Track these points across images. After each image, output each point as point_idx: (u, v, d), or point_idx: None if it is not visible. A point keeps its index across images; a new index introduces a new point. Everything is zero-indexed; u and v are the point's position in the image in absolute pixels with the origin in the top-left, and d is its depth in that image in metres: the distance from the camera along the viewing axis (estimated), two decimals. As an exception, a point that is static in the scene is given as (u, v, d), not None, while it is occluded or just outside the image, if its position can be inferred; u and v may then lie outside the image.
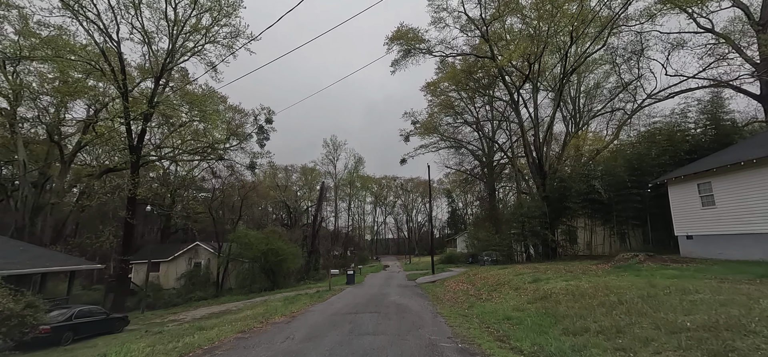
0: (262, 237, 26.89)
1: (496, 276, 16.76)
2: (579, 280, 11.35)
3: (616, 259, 15.36)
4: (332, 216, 76.17)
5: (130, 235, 23.60)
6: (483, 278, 17.49)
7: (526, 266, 18.88)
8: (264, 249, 25.73)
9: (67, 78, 24.33)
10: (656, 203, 21.66)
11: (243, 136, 41.73)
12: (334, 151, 73.87)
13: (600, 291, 8.96)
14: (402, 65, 26.88)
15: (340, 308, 12.28)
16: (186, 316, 18.74)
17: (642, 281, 9.67)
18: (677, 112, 23.88)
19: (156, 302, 25.77)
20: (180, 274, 31.20)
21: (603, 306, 7.72)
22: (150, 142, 34.61)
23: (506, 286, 13.43)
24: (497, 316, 8.73)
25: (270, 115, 42.19)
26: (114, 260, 27.76)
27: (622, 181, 22.29)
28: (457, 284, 18.68)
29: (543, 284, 11.57)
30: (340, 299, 15.89)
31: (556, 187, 25.41)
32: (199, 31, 25.27)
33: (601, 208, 23.91)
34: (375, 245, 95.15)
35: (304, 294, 20.85)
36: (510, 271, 17.59)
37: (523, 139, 29.61)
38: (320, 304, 14.02)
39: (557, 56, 30.17)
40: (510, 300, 10.66)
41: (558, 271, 15.01)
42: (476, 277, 18.75)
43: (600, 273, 13.18)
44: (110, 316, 14.55)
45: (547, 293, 9.97)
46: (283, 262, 26.61)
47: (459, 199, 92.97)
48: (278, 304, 16.66)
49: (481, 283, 16.15)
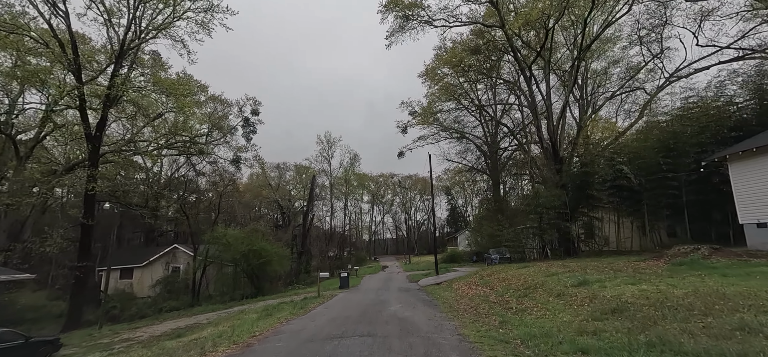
0: (242, 236, 23.65)
1: (519, 277, 13.72)
2: (647, 282, 8.34)
3: (671, 254, 12.35)
4: (328, 216, 73.15)
5: (87, 239, 20.34)
6: (502, 280, 14.44)
7: (550, 264, 15.85)
8: (244, 250, 22.51)
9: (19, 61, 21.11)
10: (697, 188, 18.75)
11: (227, 130, 38.50)
12: (329, 148, 70.60)
13: (705, 300, 5.93)
14: (399, 39, 23.82)
15: (322, 326, 9.19)
16: (145, 332, 15.57)
17: (756, 284, 6.66)
18: (714, 84, 21.00)
19: (121, 314, 22.51)
20: (155, 281, 27.90)
21: (745, 330, 4.69)
22: (124, 137, 31.39)
23: (540, 291, 10.39)
24: (556, 343, 5.67)
25: (256, 106, 38.96)
26: (69, 267, 24.47)
27: (655, 164, 19.34)
28: (470, 287, 15.62)
29: (597, 289, 8.54)
30: (327, 310, 12.79)
31: (577, 173, 22.44)
32: (166, 3, 22.03)
33: (629, 197, 20.96)
34: (373, 245, 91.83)
35: (290, 301, 17.74)
36: (534, 270, 14.55)
37: (535, 121, 26.65)
38: (298, 320, 10.91)
39: (571, 32, 27.32)
40: (560, 313, 7.60)
41: (599, 269, 12.00)
42: (492, 278, 15.70)
43: (661, 272, 10.17)
44: (32, 341, 11.32)
45: (615, 303, 6.93)
46: (267, 264, 23.40)
47: (459, 197, 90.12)
48: (252, 317, 13.54)
49: (502, 287, 13.09)
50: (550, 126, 25.25)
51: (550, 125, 25.27)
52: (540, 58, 25.10)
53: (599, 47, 28.17)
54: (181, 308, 22.44)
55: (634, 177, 19.47)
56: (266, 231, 28.57)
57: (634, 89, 26.72)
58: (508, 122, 32.11)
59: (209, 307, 21.00)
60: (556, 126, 25.27)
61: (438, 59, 34.14)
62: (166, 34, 23.52)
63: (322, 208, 74.46)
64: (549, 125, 25.33)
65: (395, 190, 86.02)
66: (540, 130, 25.40)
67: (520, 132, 27.65)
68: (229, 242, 22.96)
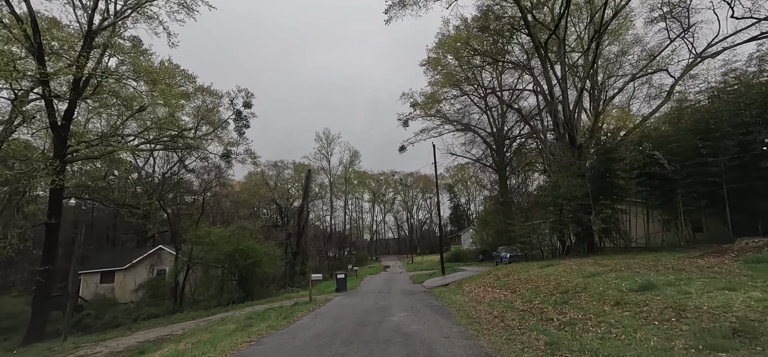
0: (227, 235, 21.37)
1: (546, 278, 11.45)
2: (751, 288, 6.07)
3: (738, 249, 10.08)
4: (328, 215, 70.83)
5: (52, 240, 18.16)
6: (525, 281, 12.17)
7: (580, 261, 13.58)
8: (229, 250, 20.23)
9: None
10: (739, 175, 16.50)
11: (218, 124, 36.24)
12: (328, 146, 68.42)
13: None
14: (398, 14, 21.59)
15: (300, 348, 6.97)
16: (107, 347, 13.33)
17: None
18: (755, 56, 18.70)
19: (95, 322, 20.30)
20: (138, 285, 25.68)
21: None
22: (104, 132, 29.15)
23: (584, 296, 8.12)
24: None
25: (249, 99, 36.48)
26: (30, 271, 22.30)
27: (690, 148, 17.08)
28: (485, 290, 13.37)
29: (674, 295, 6.27)
30: (315, 321, 10.55)
31: (599, 160, 20.12)
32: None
33: (660, 186, 18.67)
34: (374, 245, 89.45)
35: (278, 307, 15.53)
36: (562, 269, 12.27)
37: (549, 106, 24.36)
38: (274, 336, 8.67)
39: (586, 11, 25.09)
40: (635, 331, 5.30)
41: (649, 267, 9.72)
42: (511, 280, 13.43)
43: (742, 272, 7.89)
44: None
45: (729, 320, 4.67)
46: (256, 266, 21.09)
47: (461, 195, 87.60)
48: (228, 329, 11.33)
49: (528, 290, 10.82)
50: (565, 111, 22.99)
51: (565, 110, 23.02)
52: (555, 37, 22.91)
53: (616, 28, 25.94)
54: (160, 315, 20.21)
55: (668, 163, 17.19)
56: (256, 229, 26.25)
57: (656, 71, 24.38)
58: (518, 109, 29.58)
59: (190, 315, 18.77)
60: (573, 111, 23.00)
61: (441, 45, 31.91)
62: (142, 13, 21.32)
63: (322, 207, 72.29)
64: (565, 110, 23.07)
65: (396, 188, 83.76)
66: (556, 115, 23.11)
67: (534, 117, 25.31)
68: (213, 242, 20.68)
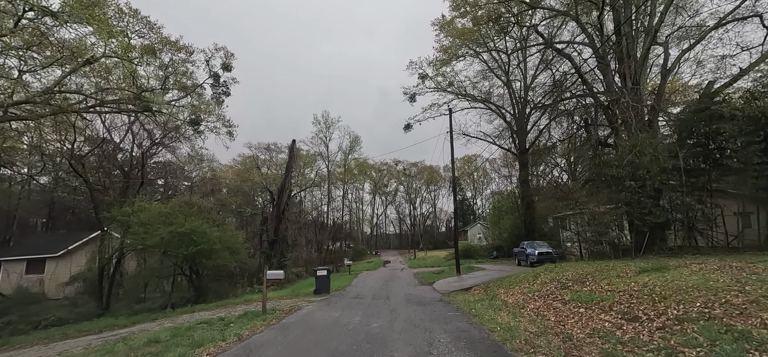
0: (165, 212, 15.65)
1: (668, 289, 5.85)
2: None
3: None
4: (325, 205, 65.38)
5: None
6: (625, 294, 6.55)
7: (702, 263, 8.00)
8: (165, 234, 14.53)
9: None
10: None
11: (191, 89, 30.63)
12: (327, 130, 62.72)
13: None
14: None
15: None
16: None
17: None
18: None
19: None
20: (71, 277, 20.33)
21: None
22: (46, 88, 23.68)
23: None
24: None
25: (228, 60, 30.76)
26: None
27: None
28: (549, 305, 7.83)
29: None
30: None
31: (697, 119, 14.03)
32: None
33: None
34: (374, 239, 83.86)
35: (220, 318, 10.09)
36: (691, 275, 6.68)
37: (600, 62, 18.58)
38: None
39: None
40: None
41: None
42: (591, 291, 7.85)
43: None
44: None
45: None
46: (205, 255, 15.46)
47: (467, 188, 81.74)
48: None
49: (646, 312, 5.23)
50: (629, 66, 17.23)
51: (629, 66, 17.25)
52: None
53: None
54: (72, 320, 14.79)
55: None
56: (213, 207, 20.59)
57: (748, 17, 18.50)
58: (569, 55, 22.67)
59: (108, 322, 13.30)
60: (641, 65, 17.28)
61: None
62: None
63: (321, 200, 66.80)
64: (627, 66, 17.29)
65: (399, 178, 78.21)
66: (609, 74, 17.39)
67: (587, 73, 19.32)
68: (143, 221, 15.05)
